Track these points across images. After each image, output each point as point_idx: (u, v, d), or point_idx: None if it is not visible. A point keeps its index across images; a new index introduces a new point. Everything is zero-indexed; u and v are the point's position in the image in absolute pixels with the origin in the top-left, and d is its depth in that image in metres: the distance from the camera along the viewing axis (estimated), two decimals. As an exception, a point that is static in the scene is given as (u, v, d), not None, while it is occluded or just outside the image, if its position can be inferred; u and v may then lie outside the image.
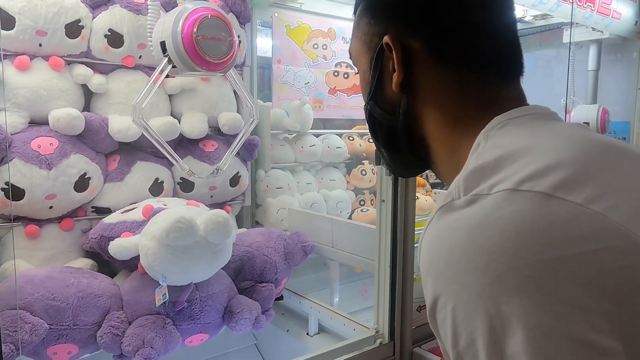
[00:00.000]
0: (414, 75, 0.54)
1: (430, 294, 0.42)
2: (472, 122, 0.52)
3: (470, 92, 0.53)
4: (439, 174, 0.59)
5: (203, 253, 1.22)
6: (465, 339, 0.38)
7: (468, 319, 0.38)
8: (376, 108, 0.59)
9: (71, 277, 1.22)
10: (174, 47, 1.18)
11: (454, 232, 0.41)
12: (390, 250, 1.29)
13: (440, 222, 0.43)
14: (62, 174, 1.36)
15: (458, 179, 0.45)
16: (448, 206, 0.43)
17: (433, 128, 0.56)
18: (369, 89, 0.59)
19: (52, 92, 1.38)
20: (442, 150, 0.56)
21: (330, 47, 2.25)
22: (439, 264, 0.41)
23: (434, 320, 0.42)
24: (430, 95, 0.55)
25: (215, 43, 1.21)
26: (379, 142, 0.63)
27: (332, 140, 2.14)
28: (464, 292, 0.38)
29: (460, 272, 0.39)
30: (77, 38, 1.41)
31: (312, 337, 1.58)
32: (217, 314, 1.33)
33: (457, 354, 0.39)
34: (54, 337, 1.13)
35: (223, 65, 1.26)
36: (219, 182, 1.68)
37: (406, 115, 0.56)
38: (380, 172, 1.31)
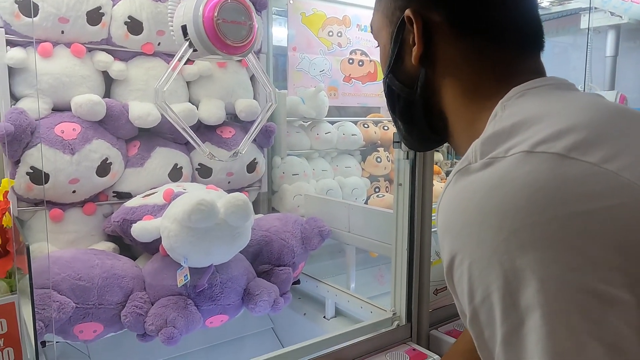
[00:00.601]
0: (433, 48, 0.56)
1: (447, 253, 0.43)
2: (491, 94, 0.53)
3: (489, 65, 0.54)
4: (456, 147, 0.60)
5: (223, 235, 1.25)
6: (480, 293, 0.40)
7: (484, 275, 0.39)
8: (395, 81, 0.61)
9: (95, 258, 1.25)
10: (195, 30, 1.20)
11: (470, 193, 0.42)
12: (407, 234, 1.30)
13: (456, 185, 0.44)
14: (85, 158, 1.39)
15: (475, 144, 0.46)
16: (465, 169, 0.44)
17: (451, 100, 0.57)
18: (388, 62, 0.61)
19: (74, 78, 1.41)
20: (460, 122, 0.57)
21: (345, 35, 2.25)
22: (456, 224, 0.42)
23: (451, 279, 0.44)
24: (449, 68, 0.56)
25: (235, 27, 1.22)
26: (396, 115, 0.64)
27: (347, 127, 2.15)
28: (479, 249, 0.40)
29: (476, 230, 0.40)
30: (98, 25, 1.43)
31: (329, 320, 1.61)
32: (237, 296, 1.35)
33: (473, 310, 0.41)
34: (80, 316, 1.16)
35: (243, 48, 1.28)
36: (236, 168, 1.70)
37: (424, 88, 0.58)
38: (398, 155, 1.32)
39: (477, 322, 0.41)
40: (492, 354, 0.40)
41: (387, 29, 0.60)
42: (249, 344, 1.74)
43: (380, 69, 2.37)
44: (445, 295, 1.42)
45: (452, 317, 1.44)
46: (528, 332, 0.36)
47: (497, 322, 0.38)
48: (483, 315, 0.40)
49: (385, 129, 2.29)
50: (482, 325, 0.40)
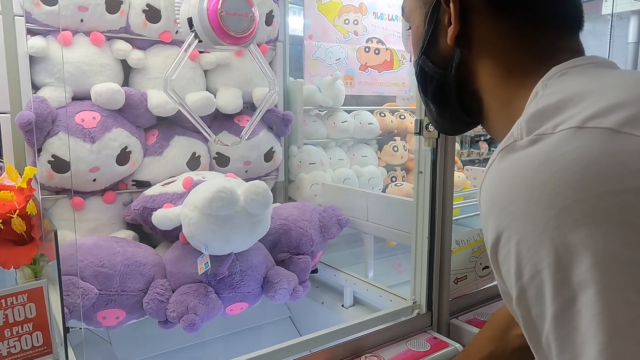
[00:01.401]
0: (469, 28, 0.55)
1: (492, 231, 0.42)
2: (529, 73, 0.52)
3: (527, 44, 0.53)
4: (490, 128, 0.60)
5: (243, 223, 1.25)
6: (529, 270, 0.39)
7: (533, 251, 0.38)
8: (428, 62, 0.60)
9: (117, 245, 1.26)
10: (201, 23, 1.25)
11: (517, 170, 0.41)
12: (428, 222, 1.28)
13: (502, 163, 0.43)
14: (105, 147, 1.39)
15: (519, 121, 0.45)
16: (510, 147, 0.43)
17: (487, 81, 0.56)
18: (421, 43, 0.60)
19: (94, 67, 1.41)
20: (496, 103, 0.56)
21: (362, 23, 2.22)
22: (503, 201, 0.41)
23: (496, 258, 0.43)
24: (486, 48, 0.55)
25: (237, 19, 1.27)
26: (428, 97, 0.64)
27: (364, 116, 2.13)
28: (528, 225, 0.39)
29: (524, 207, 0.39)
30: (117, 13, 1.43)
31: (348, 309, 1.60)
32: (257, 284, 1.35)
33: (520, 287, 0.40)
34: (103, 302, 1.17)
35: (245, 39, 1.32)
36: (253, 157, 1.70)
37: (459, 68, 0.57)
38: (418, 143, 1.30)
39: (524, 300, 0.40)
40: (539, 333, 0.39)
41: (421, 10, 0.59)
42: (266, 332, 1.75)
43: (396, 58, 2.36)
44: (465, 284, 1.41)
45: (472, 305, 1.43)
46: (581, 308, 0.35)
47: (548, 299, 0.38)
48: (531, 293, 0.39)
49: (402, 118, 2.27)
50: (530, 303, 0.40)
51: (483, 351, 0.89)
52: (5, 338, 0.75)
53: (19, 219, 1.05)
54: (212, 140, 1.46)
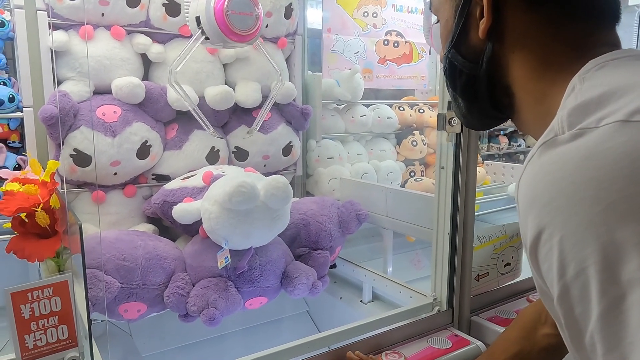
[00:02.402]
0: (502, 21, 0.54)
1: (533, 228, 0.41)
2: (564, 67, 0.50)
3: (562, 37, 0.52)
4: (522, 123, 0.58)
5: (263, 218, 1.24)
6: (573, 268, 0.37)
7: (577, 248, 0.37)
8: (457, 56, 0.59)
9: (138, 239, 1.26)
10: (208, 21, 1.30)
11: (559, 165, 0.40)
12: (450, 218, 1.27)
13: (543, 158, 0.42)
14: (126, 141, 1.40)
15: (560, 115, 0.44)
16: (551, 141, 0.42)
17: (520, 75, 0.54)
18: (451, 37, 0.59)
19: (115, 61, 1.42)
20: (528, 97, 0.55)
21: (381, 15, 2.20)
22: (544, 197, 0.40)
23: (536, 255, 0.42)
24: (519, 41, 0.54)
25: (243, 17, 1.32)
26: (457, 91, 0.62)
27: (383, 110, 2.11)
28: (572, 222, 0.38)
29: (567, 203, 0.38)
30: (137, 7, 1.43)
31: (366, 304, 1.60)
32: (276, 279, 1.35)
33: (563, 285, 0.39)
34: (125, 296, 1.18)
35: (250, 37, 1.36)
36: (272, 152, 1.69)
37: (490, 62, 0.56)
38: (440, 138, 1.28)
39: (567, 299, 0.39)
40: (582, 332, 0.38)
41: (451, 2, 0.58)
42: (284, 327, 1.75)
43: (416, 51, 2.33)
44: (487, 281, 1.39)
45: (494, 303, 1.41)
46: (631, 306, 0.34)
47: (594, 297, 0.36)
48: (575, 291, 0.38)
49: (421, 112, 2.24)
50: (574, 302, 0.38)
51: (509, 350, 0.87)
52: (32, 331, 0.76)
53: (43, 212, 1.06)
54: (210, 134, 1.47)
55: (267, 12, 1.62)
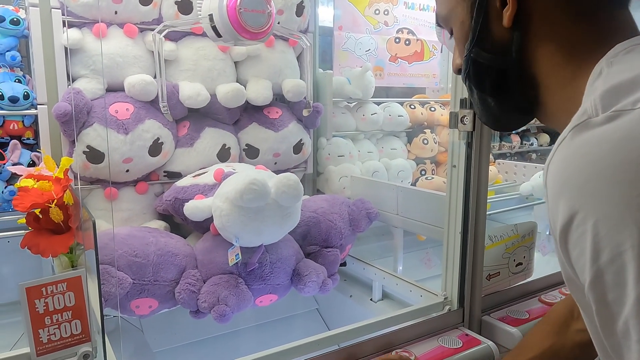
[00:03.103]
0: (526, 7, 0.53)
1: (564, 212, 0.40)
2: (589, 51, 0.50)
3: (585, 19, 0.52)
4: (546, 115, 0.57)
5: (274, 215, 1.24)
6: (609, 252, 0.37)
7: (613, 232, 0.36)
8: (482, 53, 0.57)
9: (150, 236, 1.27)
10: (221, 19, 1.30)
11: (595, 147, 0.39)
12: (461, 217, 1.26)
13: (575, 140, 0.41)
14: (138, 138, 1.41)
15: (593, 98, 0.43)
16: (584, 124, 0.41)
17: (546, 61, 0.54)
18: (471, 36, 0.57)
19: (127, 58, 1.43)
20: (555, 84, 0.54)
21: (392, 13, 2.19)
22: (578, 180, 0.39)
23: (566, 240, 0.41)
24: (544, 27, 0.53)
25: (255, 15, 1.32)
26: (486, 91, 0.60)
27: (394, 108, 2.11)
28: (607, 205, 0.37)
29: (603, 186, 0.37)
30: (150, 5, 1.44)
31: (376, 302, 1.59)
32: (286, 276, 1.36)
33: (597, 270, 0.38)
34: (136, 292, 1.19)
35: (263, 34, 1.36)
36: (283, 149, 1.70)
37: (519, 52, 0.55)
38: (452, 136, 1.27)
39: (600, 284, 0.38)
40: (615, 318, 0.37)
41: (464, 3, 0.58)
42: (294, 324, 1.75)
43: (427, 49, 2.31)
44: (498, 281, 1.38)
45: (505, 302, 1.40)
46: None
47: (630, 282, 0.36)
48: (610, 276, 0.37)
49: (432, 110, 2.23)
50: (607, 287, 0.37)
51: (541, 346, 0.85)
52: (46, 325, 0.77)
53: (56, 208, 1.07)
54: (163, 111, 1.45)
55: (279, 10, 1.62)
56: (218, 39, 1.35)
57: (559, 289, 1.49)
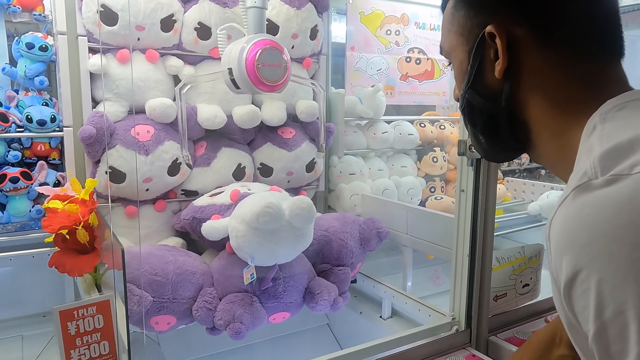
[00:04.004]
0: (517, 61, 0.56)
1: (568, 268, 0.43)
2: (581, 105, 0.53)
3: (576, 75, 0.54)
4: (538, 156, 0.60)
5: (288, 236, 1.29)
6: (612, 310, 0.39)
7: (617, 291, 0.39)
8: (475, 96, 0.61)
9: (169, 254, 1.33)
10: (240, 74, 1.36)
11: (598, 208, 0.42)
12: (469, 240, 1.30)
13: (577, 201, 0.44)
14: (158, 159, 1.47)
15: (592, 159, 0.45)
16: (585, 186, 0.44)
17: (538, 112, 0.57)
18: (467, 79, 0.61)
19: (149, 82, 1.49)
20: (546, 133, 0.57)
21: (403, 33, 2.23)
22: (582, 239, 0.42)
23: (570, 294, 0.43)
24: (535, 80, 0.56)
25: (272, 69, 1.37)
26: (477, 129, 0.64)
27: (404, 126, 2.15)
28: (611, 265, 0.39)
29: (607, 246, 0.40)
30: (170, 32, 1.50)
31: (386, 320, 1.63)
32: (299, 294, 1.40)
33: (601, 324, 0.40)
34: (156, 309, 1.24)
35: (279, 86, 1.42)
36: (296, 168, 1.75)
37: (509, 101, 0.58)
38: (461, 162, 1.31)
39: (604, 337, 0.41)
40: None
41: (463, 47, 0.61)
42: (305, 339, 1.79)
43: (437, 67, 2.36)
44: (505, 302, 1.41)
45: (512, 323, 1.43)
46: None
47: (632, 339, 0.38)
48: (613, 331, 0.40)
49: (442, 128, 2.27)
50: (611, 340, 0.40)
51: None
52: (77, 346, 0.82)
53: (83, 230, 1.13)
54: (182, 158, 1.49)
55: (294, 34, 1.68)
56: (236, 90, 1.41)
57: (565, 309, 1.52)
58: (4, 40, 1.47)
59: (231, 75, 1.36)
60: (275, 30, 1.64)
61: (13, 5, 1.42)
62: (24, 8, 1.45)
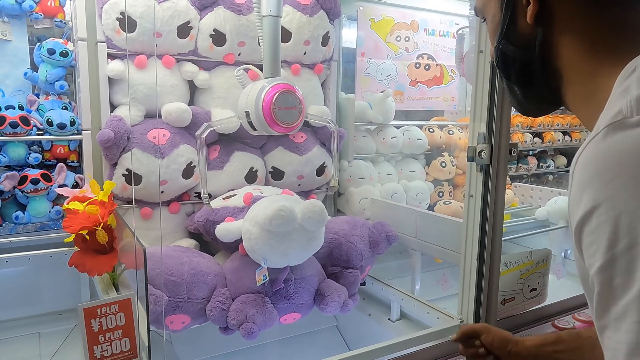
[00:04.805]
0: (548, 6, 0.57)
1: (588, 202, 0.43)
2: (612, 48, 0.54)
3: (606, 17, 0.55)
4: (568, 103, 0.61)
5: (300, 239, 1.32)
6: (626, 242, 0.40)
7: (634, 225, 0.40)
8: (509, 46, 0.62)
9: (183, 255, 1.36)
10: (256, 116, 1.42)
11: (628, 146, 0.42)
12: (478, 244, 1.32)
13: (608, 138, 0.44)
14: (173, 162, 1.51)
15: (629, 99, 0.45)
16: (619, 123, 0.44)
17: (569, 56, 0.57)
18: (500, 29, 0.62)
19: (165, 87, 1.53)
20: (576, 77, 0.57)
21: (413, 39, 2.26)
22: (607, 175, 0.42)
23: (581, 229, 0.44)
24: (566, 24, 0.57)
25: (288, 112, 1.43)
26: (511, 80, 0.65)
27: (413, 131, 2.18)
28: (634, 200, 0.40)
29: (633, 183, 0.40)
30: (187, 38, 1.54)
31: (394, 322, 1.66)
32: (309, 296, 1.43)
33: (611, 255, 0.41)
34: (171, 308, 1.28)
35: (294, 128, 1.48)
36: (306, 172, 1.78)
37: (542, 47, 0.59)
38: (470, 168, 1.34)
39: (610, 269, 0.41)
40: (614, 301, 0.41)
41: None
42: (314, 340, 1.82)
43: (446, 73, 2.38)
44: (513, 305, 1.44)
45: (519, 327, 1.45)
46: None
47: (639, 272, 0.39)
48: (622, 263, 0.40)
49: (451, 134, 2.29)
50: (617, 272, 0.41)
51: None
52: (100, 343, 0.85)
53: (102, 231, 1.17)
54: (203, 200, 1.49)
55: (306, 41, 1.71)
56: (253, 131, 1.46)
57: (572, 314, 1.54)
58: (26, 46, 1.51)
59: (248, 117, 1.41)
60: (288, 37, 1.67)
61: (35, 12, 1.47)
62: (46, 15, 1.50)
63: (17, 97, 1.51)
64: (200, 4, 1.54)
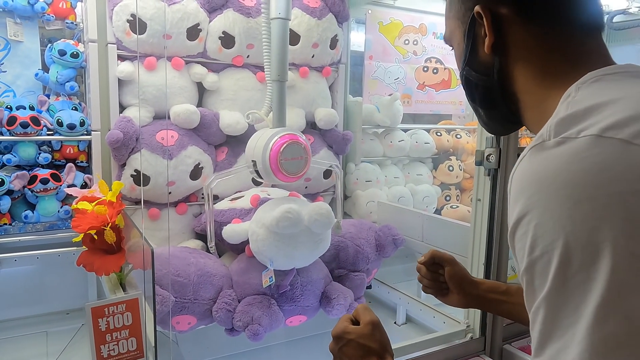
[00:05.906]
0: (503, 37, 0.62)
1: (517, 213, 0.49)
2: (560, 75, 0.58)
3: (555, 48, 0.60)
4: (527, 124, 0.67)
5: (306, 241, 1.32)
6: (541, 249, 0.46)
7: (548, 234, 0.46)
8: (471, 72, 0.67)
9: (190, 256, 1.37)
10: (263, 166, 1.40)
11: (545, 166, 0.48)
12: (485, 248, 1.31)
13: (532, 158, 0.51)
14: (181, 163, 1.51)
15: (549, 123, 0.51)
16: (540, 146, 0.50)
17: (523, 82, 0.63)
18: (464, 57, 0.67)
19: (174, 89, 1.54)
20: (530, 101, 0.63)
21: (421, 43, 2.26)
22: (530, 190, 0.48)
23: (514, 235, 0.50)
24: (520, 54, 0.62)
25: (294, 162, 1.42)
26: (476, 103, 0.71)
27: (421, 135, 2.17)
28: (547, 213, 0.46)
29: (546, 198, 0.47)
30: (196, 40, 1.54)
31: (400, 326, 1.65)
32: (315, 299, 1.43)
33: (530, 261, 0.47)
34: (178, 309, 1.28)
35: (299, 177, 1.46)
36: (314, 175, 1.78)
37: (499, 73, 0.64)
38: (478, 172, 1.33)
39: (531, 271, 0.48)
40: (535, 299, 0.47)
41: (460, 29, 0.68)
42: (320, 342, 1.81)
43: (454, 77, 2.38)
44: (520, 310, 1.43)
45: (526, 332, 1.43)
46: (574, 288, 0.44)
47: (551, 275, 0.45)
48: (539, 267, 0.46)
49: (458, 137, 2.29)
50: (535, 275, 0.47)
51: None
52: (107, 342, 0.85)
53: (110, 230, 1.18)
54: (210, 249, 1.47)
55: (314, 44, 1.72)
56: (259, 179, 1.47)
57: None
58: (38, 47, 1.53)
59: (255, 167, 1.42)
60: (297, 40, 1.68)
61: (47, 13, 1.48)
62: (57, 16, 1.51)
63: (28, 97, 1.52)
64: (210, 7, 1.55)
